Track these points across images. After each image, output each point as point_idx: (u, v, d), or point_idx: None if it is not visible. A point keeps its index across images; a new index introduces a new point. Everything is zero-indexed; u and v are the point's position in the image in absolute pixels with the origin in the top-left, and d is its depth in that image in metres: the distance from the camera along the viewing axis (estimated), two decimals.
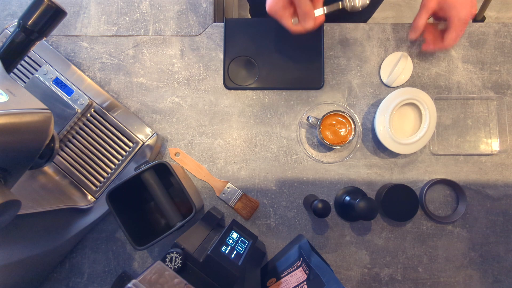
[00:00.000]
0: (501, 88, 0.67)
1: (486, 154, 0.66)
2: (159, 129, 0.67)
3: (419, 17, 0.60)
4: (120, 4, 0.70)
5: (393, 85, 0.66)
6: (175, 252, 0.47)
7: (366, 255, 0.65)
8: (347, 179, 0.66)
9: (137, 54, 0.69)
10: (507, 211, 0.65)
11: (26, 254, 0.51)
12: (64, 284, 0.65)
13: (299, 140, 0.67)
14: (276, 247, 0.65)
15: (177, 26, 0.69)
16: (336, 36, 0.69)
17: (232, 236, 0.54)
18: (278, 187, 0.66)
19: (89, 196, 0.63)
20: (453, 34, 0.58)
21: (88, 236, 0.65)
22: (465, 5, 0.56)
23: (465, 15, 0.56)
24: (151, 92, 0.68)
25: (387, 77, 0.66)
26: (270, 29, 0.68)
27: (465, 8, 0.56)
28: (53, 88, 0.60)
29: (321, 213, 0.55)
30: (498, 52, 0.68)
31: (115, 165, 0.63)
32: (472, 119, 0.66)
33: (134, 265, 0.65)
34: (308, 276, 0.53)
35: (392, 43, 0.68)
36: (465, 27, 0.58)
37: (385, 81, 0.67)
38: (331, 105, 0.67)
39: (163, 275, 0.38)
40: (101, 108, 0.63)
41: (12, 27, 0.64)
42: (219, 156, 0.67)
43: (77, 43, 0.69)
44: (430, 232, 0.65)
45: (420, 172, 0.66)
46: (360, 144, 0.67)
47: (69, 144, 0.63)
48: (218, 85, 0.68)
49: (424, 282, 0.64)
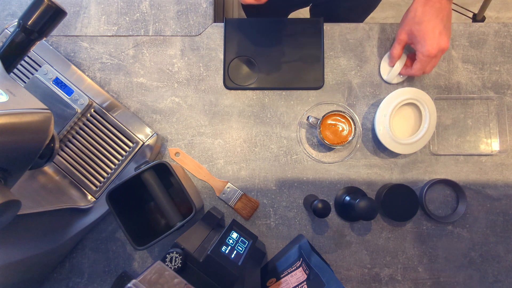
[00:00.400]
0: (501, 88, 0.67)
1: (486, 154, 0.66)
2: (159, 129, 0.67)
3: (393, 47, 0.64)
4: (120, 4, 0.70)
5: (393, 81, 0.67)
6: (175, 252, 0.47)
7: (366, 255, 0.65)
8: (347, 179, 0.66)
9: (137, 54, 0.69)
10: (507, 211, 0.65)
11: (26, 254, 0.51)
12: (64, 284, 0.65)
13: (299, 140, 0.67)
14: (276, 247, 0.65)
15: (177, 26, 0.69)
16: (336, 36, 0.69)
17: (232, 236, 0.54)
18: (278, 187, 0.66)
19: (89, 196, 0.63)
20: (418, 65, 0.60)
21: (88, 236, 0.65)
22: (431, 40, 0.57)
23: (428, 50, 0.57)
24: (151, 92, 0.68)
25: (387, 73, 0.66)
26: (270, 29, 0.68)
27: (430, 44, 0.57)
28: (53, 88, 0.60)
29: (321, 213, 0.55)
30: (498, 52, 0.68)
31: (115, 165, 0.63)
32: (472, 119, 0.66)
33: (134, 265, 0.65)
34: (308, 276, 0.53)
35: (392, 43, 0.68)
36: (431, 60, 0.59)
37: (385, 78, 0.67)
38: (331, 105, 0.67)
39: (163, 275, 0.38)
40: (101, 108, 0.63)
41: (12, 27, 0.64)
42: (219, 156, 0.67)
43: (77, 43, 0.69)
44: (430, 232, 0.65)
45: (420, 172, 0.66)
46: (360, 144, 0.67)
47: (69, 144, 0.63)
48: (218, 85, 0.68)
49: (424, 282, 0.64)
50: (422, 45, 0.58)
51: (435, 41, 0.57)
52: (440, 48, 0.58)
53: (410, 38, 0.61)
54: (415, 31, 0.59)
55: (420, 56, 0.59)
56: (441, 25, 0.57)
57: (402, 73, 0.65)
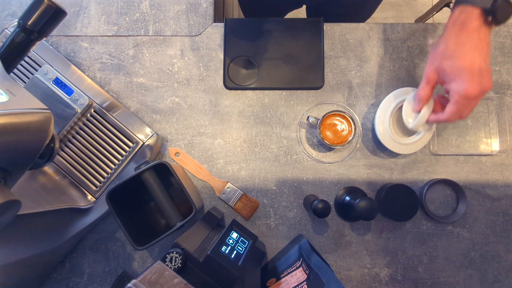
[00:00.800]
0: (501, 88, 0.67)
1: (486, 154, 0.66)
2: (159, 129, 0.67)
3: (420, 87, 0.54)
4: (120, 4, 0.70)
5: (419, 129, 0.59)
6: (175, 252, 0.47)
7: (366, 255, 0.65)
8: (347, 179, 0.66)
9: (137, 54, 0.69)
10: (507, 211, 0.65)
11: (26, 254, 0.51)
12: (64, 284, 0.65)
13: (299, 140, 0.67)
14: (276, 247, 0.65)
15: (177, 26, 0.69)
16: (336, 36, 0.69)
17: (232, 236, 0.54)
18: (278, 187, 0.66)
19: (89, 196, 0.63)
20: (453, 108, 0.50)
21: (88, 236, 0.65)
22: (470, 78, 0.46)
23: (467, 89, 0.47)
24: (151, 92, 0.68)
25: (413, 120, 0.58)
26: (270, 29, 0.68)
27: (467, 82, 0.47)
28: (53, 88, 0.60)
29: (321, 213, 0.55)
30: (498, 52, 0.68)
31: (115, 165, 0.63)
32: (472, 119, 0.66)
33: (134, 265, 0.65)
34: (308, 276, 0.53)
35: (392, 43, 0.68)
36: (470, 102, 0.49)
37: (411, 126, 0.58)
38: (331, 105, 0.67)
39: (163, 275, 0.38)
40: (101, 108, 0.63)
41: (12, 27, 0.64)
42: (219, 156, 0.67)
43: (77, 43, 0.69)
44: (430, 232, 0.65)
45: (420, 172, 0.66)
46: (360, 144, 0.67)
47: (69, 144, 0.63)
48: (218, 85, 0.68)
49: (424, 282, 0.64)
50: (458, 84, 0.48)
51: (476, 79, 0.46)
52: (482, 89, 0.47)
53: (441, 77, 0.51)
54: (447, 67, 0.48)
55: (456, 97, 0.49)
56: (481, 59, 0.46)
57: (431, 120, 0.55)
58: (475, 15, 0.46)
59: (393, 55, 0.68)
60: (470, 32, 0.46)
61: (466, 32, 0.46)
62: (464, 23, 0.47)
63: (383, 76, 0.68)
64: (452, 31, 0.48)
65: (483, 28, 0.46)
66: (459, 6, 0.48)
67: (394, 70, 0.68)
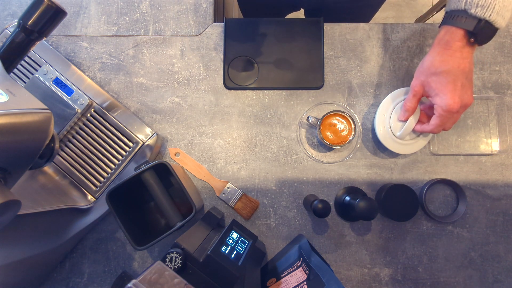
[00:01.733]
0: (501, 88, 0.67)
1: (486, 154, 0.66)
2: (159, 129, 0.67)
3: (407, 99, 0.58)
4: (120, 4, 0.70)
5: (405, 139, 0.62)
6: (175, 252, 0.47)
7: (366, 255, 0.65)
8: (347, 179, 0.66)
9: (137, 54, 0.69)
10: (507, 211, 0.65)
11: (26, 254, 0.51)
12: (64, 284, 0.65)
13: (299, 140, 0.67)
14: (276, 247, 0.65)
15: (177, 26, 0.69)
16: (336, 36, 0.69)
17: (232, 236, 0.54)
18: (278, 187, 0.66)
19: (89, 196, 0.63)
20: (437, 121, 0.54)
21: (88, 236, 0.65)
22: (452, 93, 0.50)
23: (449, 104, 0.50)
24: (151, 92, 0.68)
25: (399, 130, 0.61)
26: (270, 29, 0.68)
27: (450, 98, 0.50)
28: (53, 88, 0.60)
29: (321, 213, 0.55)
30: (498, 52, 0.68)
31: (115, 165, 0.63)
32: (472, 119, 0.66)
33: (134, 265, 0.65)
34: (308, 276, 0.53)
35: (392, 43, 0.68)
36: (452, 116, 0.52)
37: (398, 135, 0.61)
38: (331, 105, 0.67)
39: (163, 275, 0.38)
40: (101, 108, 0.63)
41: (12, 27, 0.64)
42: (219, 156, 0.67)
43: (77, 43, 0.69)
44: (430, 232, 0.65)
45: (420, 172, 0.66)
46: (360, 144, 0.67)
47: (69, 144, 0.63)
48: (218, 85, 0.68)
49: (424, 282, 0.64)
50: (442, 98, 0.51)
51: (457, 95, 0.50)
52: (463, 104, 0.51)
53: (426, 90, 0.54)
54: (432, 82, 0.52)
55: (439, 111, 0.52)
56: (463, 77, 0.50)
57: (417, 130, 0.59)
58: (459, 36, 0.49)
59: (393, 55, 0.68)
60: (453, 51, 0.50)
61: (450, 51, 0.50)
62: (448, 43, 0.50)
63: (383, 76, 0.68)
64: (438, 49, 0.51)
65: (466, 48, 0.50)
66: (445, 26, 0.51)
67: (394, 70, 0.68)
